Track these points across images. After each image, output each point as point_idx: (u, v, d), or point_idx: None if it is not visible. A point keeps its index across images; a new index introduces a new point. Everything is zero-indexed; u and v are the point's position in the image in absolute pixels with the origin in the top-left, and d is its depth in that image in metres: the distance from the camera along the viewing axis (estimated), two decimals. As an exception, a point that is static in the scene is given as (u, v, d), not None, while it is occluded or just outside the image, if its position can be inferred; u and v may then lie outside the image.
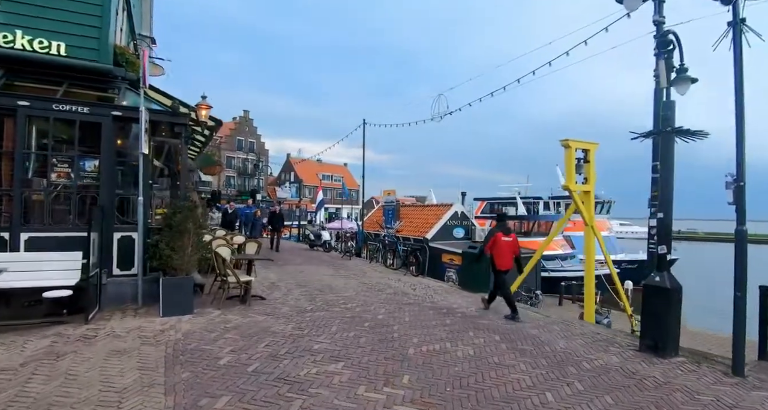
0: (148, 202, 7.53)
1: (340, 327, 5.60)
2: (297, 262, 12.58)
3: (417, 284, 9.62)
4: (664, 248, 5.16)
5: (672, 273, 5.13)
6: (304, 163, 67.44)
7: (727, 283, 5.15)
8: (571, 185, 8.34)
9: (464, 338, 5.39)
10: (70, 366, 4.04)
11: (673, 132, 5.13)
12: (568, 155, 8.46)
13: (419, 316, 6.43)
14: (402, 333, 5.40)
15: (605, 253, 9.72)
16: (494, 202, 32.64)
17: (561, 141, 8.46)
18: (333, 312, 6.42)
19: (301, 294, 7.71)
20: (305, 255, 14.74)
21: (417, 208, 18.99)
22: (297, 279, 9.39)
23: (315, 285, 8.70)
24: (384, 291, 8.43)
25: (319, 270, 10.99)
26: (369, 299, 7.56)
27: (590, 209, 8.96)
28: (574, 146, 8.51)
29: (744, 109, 4.58)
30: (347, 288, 8.52)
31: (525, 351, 4.99)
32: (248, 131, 59.79)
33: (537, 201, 30.11)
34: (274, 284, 8.66)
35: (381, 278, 10.29)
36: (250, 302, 6.71)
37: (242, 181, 57.38)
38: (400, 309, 6.89)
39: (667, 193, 5.20)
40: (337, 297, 7.54)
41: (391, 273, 11.18)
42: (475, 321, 6.32)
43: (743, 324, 4.55)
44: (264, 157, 59.77)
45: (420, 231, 16.22)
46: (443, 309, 7.10)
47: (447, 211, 16.68)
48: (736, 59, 4.64)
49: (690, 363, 4.83)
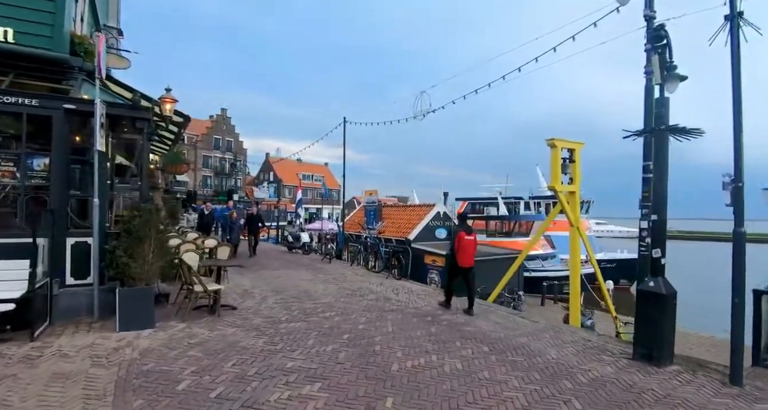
0: (107, 204, 6.92)
1: (318, 339, 5.16)
2: (274, 266, 12.03)
3: (399, 288, 9.24)
4: (659, 252, 4.93)
5: (666, 278, 4.90)
6: (284, 163, 66.31)
7: (705, 280, 5.03)
8: (556, 185, 8.12)
9: (451, 349, 5.03)
10: (5, 395, 3.49)
11: (667, 130, 4.91)
12: (554, 155, 8.24)
13: (403, 325, 6.04)
14: (385, 346, 5.00)
15: (591, 253, 9.57)
16: (476, 202, 32.66)
17: (547, 140, 8.24)
18: (310, 323, 5.97)
19: (277, 302, 7.22)
20: (283, 258, 14.18)
21: (399, 208, 18.65)
22: (273, 285, 8.87)
23: (292, 292, 8.22)
24: (365, 297, 8.02)
25: (297, 275, 10.49)
26: (349, 306, 7.13)
27: (576, 210, 8.78)
28: (560, 146, 8.30)
29: (742, 107, 4.37)
30: (326, 295, 8.07)
31: (516, 363, 4.67)
32: (225, 129, 58.35)
33: (518, 201, 30.25)
34: (247, 291, 8.13)
35: (362, 282, 9.88)
36: (219, 312, 6.19)
37: (219, 181, 55.93)
38: (382, 316, 6.50)
39: (661, 193, 4.98)
40: (315, 305, 7.08)
41: (372, 276, 10.77)
42: (462, 329, 5.98)
43: (741, 333, 4.34)
44: (242, 156, 58.44)
45: (402, 232, 15.86)
46: (428, 315, 6.74)
47: (429, 211, 16.38)
48: (733, 55, 4.43)
49: (685, 371, 4.61)
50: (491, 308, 7.75)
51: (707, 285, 23.94)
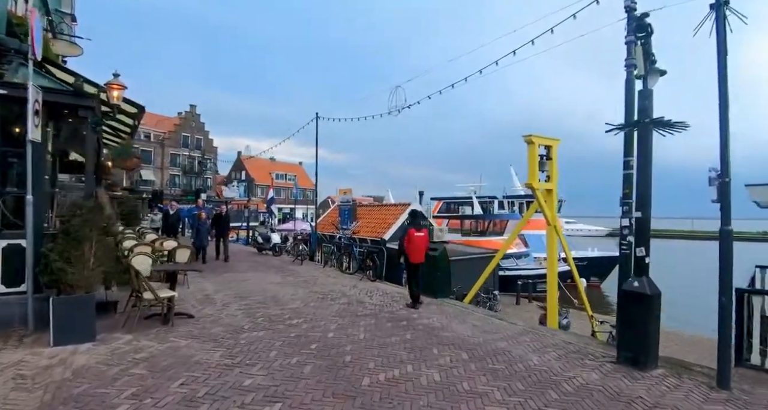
0: (46, 202, 6.20)
1: (282, 351, 4.67)
2: (241, 269, 11.38)
3: (374, 290, 8.83)
4: (643, 251, 4.72)
5: (651, 278, 4.70)
6: (257, 161, 64.66)
7: (673, 276, 4.91)
8: (534, 183, 7.92)
9: (428, 357, 4.66)
10: None
11: (651, 123, 4.70)
12: (531, 152, 8.04)
13: (376, 332, 5.63)
14: (356, 356, 4.57)
15: (567, 252, 9.46)
16: (450, 201, 32.66)
17: (524, 137, 8.02)
18: (275, 331, 5.46)
19: (240, 309, 6.66)
20: (252, 260, 13.50)
21: (374, 208, 18.25)
22: (237, 290, 8.28)
23: (257, 297, 7.66)
24: (337, 301, 7.56)
25: (265, 278, 9.90)
26: (319, 312, 6.66)
27: (552, 208, 8.61)
28: (538, 142, 8.10)
29: (728, 99, 4.18)
30: (295, 299, 7.56)
31: (497, 371, 4.34)
32: (195, 126, 56.34)
33: (492, 200, 30.41)
34: (208, 297, 7.52)
35: (334, 284, 9.41)
36: (173, 322, 5.59)
37: (188, 180, 53.90)
38: (355, 323, 6.06)
39: (645, 190, 4.77)
40: (282, 311, 6.57)
41: (345, 279, 10.31)
42: (439, 335, 5.63)
43: (729, 334, 4.17)
44: (212, 155, 56.56)
45: (377, 232, 15.48)
46: (403, 320, 6.35)
47: (404, 211, 16.05)
48: (719, 45, 4.24)
49: (671, 375, 4.41)
50: (468, 310, 7.44)
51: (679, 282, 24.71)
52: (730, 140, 4.12)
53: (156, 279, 6.71)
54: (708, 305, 12.83)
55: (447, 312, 7.04)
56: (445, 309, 7.33)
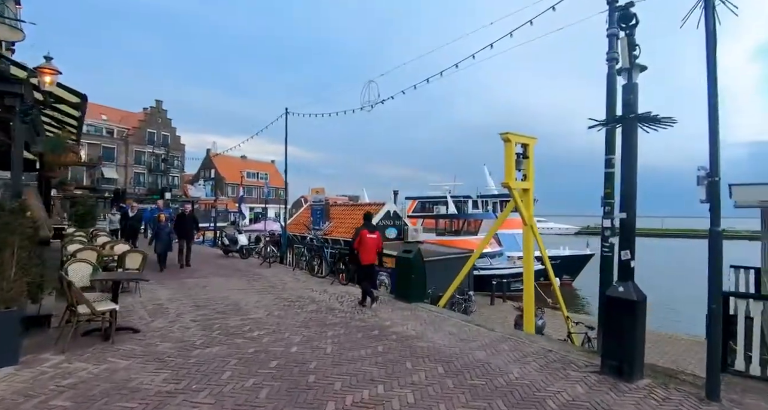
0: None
1: (237, 371, 4.14)
2: (203, 273, 10.63)
3: (345, 295, 8.35)
4: (628, 254, 4.45)
5: (636, 282, 4.44)
6: (227, 159, 62.70)
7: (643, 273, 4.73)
8: (510, 182, 7.65)
9: (401, 373, 4.23)
10: None
11: (636, 119, 4.44)
12: (508, 150, 7.76)
13: (345, 343, 5.16)
14: (321, 375, 4.09)
15: (543, 252, 9.27)
16: (425, 201, 32.49)
17: (501, 134, 7.74)
18: (232, 346, 4.91)
19: (195, 320, 6.04)
20: (216, 264, 12.73)
21: (348, 208, 17.75)
22: (196, 298, 7.61)
23: (217, 305, 7.04)
24: (305, 308, 7.04)
25: (229, 283, 9.24)
26: (284, 321, 6.13)
27: (529, 208, 8.37)
28: (515, 141, 7.84)
29: (717, 95, 3.95)
30: (259, 307, 6.99)
31: (476, 388, 3.96)
32: (161, 122, 54.04)
33: (466, 200, 30.43)
34: (161, 306, 6.83)
35: (304, 289, 8.87)
36: (113, 338, 4.94)
37: (154, 178, 51.61)
38: (322, 333, 5.57)
39: (630, 190, 4.50)
40: (243, 322, 6.00)
41: (316, 283, 9.78)
42: (413, 345, 5.22)
43: (719, 342, 3.94)
44: (179, 152, 54.41)
45: (351, 233, 14.98)
46: (374, 329, 5.91)
47: (379, 210, 15.68)
48: (708, 37, 4.00)
49: (657, 386, 4.15)
50: (443, 315, 7.08)
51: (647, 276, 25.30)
52: (718, 139, 3.89)
53: (101, 289, 6.02)
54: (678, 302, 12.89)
55: (422, 318, 6.65)
56: (419, 314, 6.94)
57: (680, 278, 26.45)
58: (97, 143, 48.54)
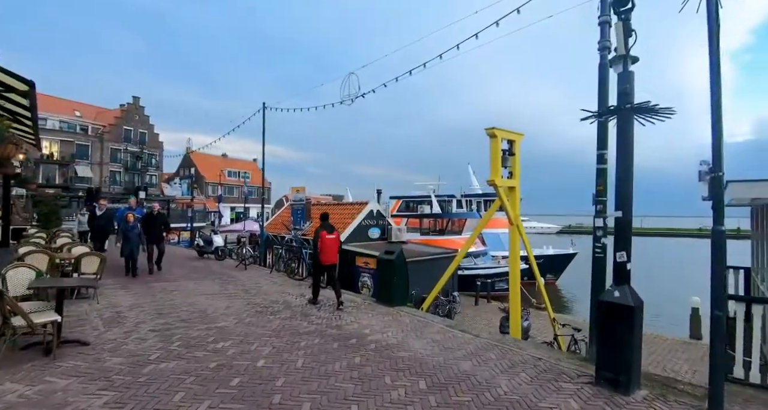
0: None
1: (191, 392, 3.65)
2: (173, 276, 10.01)
3: (324, 299, 7.89)
4: (624, 255, 4.12)
5: (632, 286, 4.12)
6: (208, 158, 61.28)
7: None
8: (497, 180, 7.31)
9: (379, 390, 3.81)
10: None
11: (632, 110, 4.11)
12: (494, 146, 7.42)
13: (319, 356, 4.71)
14: (288, 395, 3.63)
15: (530, 252, 8.98)
16: (409, 200, 32.16)
17: (486, 130, 7.39)
18: (191, 361, 4.40)
19: (154, 330, 5.49)
20: (190, 266, 12.08)
21: (329, 207, 17.24)
22: (161, 304, 7.04)
23: (182, 313, 6.49)
24: (278, 315, 6.55)
25: (199, 287, 8.66)
26: (253, 330, 5.63)
27: (516, 207, 8.05)
28: (501, 136, 7.50)
29: (720, 85, 3.64)
30: (228, 314, 6.47)
31: (462, 405, 3.57)
32: (138, 119, 52.41)
33: (450, 199, 30.22)
34: (119, 314, 6.24)
35: (279, 294, 8.37)
36: (55, 353, 4.37)
37: (131, 177, 49.94)
38: (294, 344, 5.10)
39: (626, 186, 4.17)
40: (208, 332, 5.48)
41: (293, 286, 9.28)
42: (393, 356, 4.80)
43: (722, 352, 3.64)
44: (157, 150, 52.86)
45: (331, 233, 14.50)
46: (352, 337, 5.47)
47: (362, 210, 15.20)
48: (710, 24, 3.70)
49: (656, 397, 3.84)
50: (426, 320, 6.68)
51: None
52: (722, 133, 3.58)
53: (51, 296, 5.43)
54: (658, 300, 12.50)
55: (403, 324, 6.25)
56: (401, 319, 6.54)
57: (659, 277, 26.80)
58: (70, 140, 46.71)
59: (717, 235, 3.58)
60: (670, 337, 13.06)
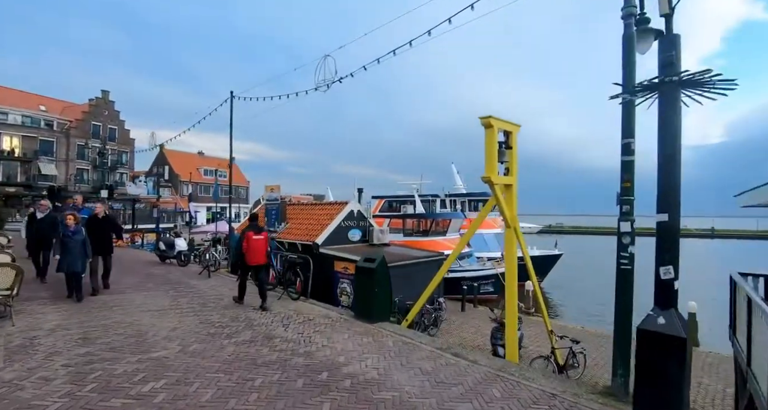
0: None
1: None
2: (121, 287, 8.69)
3: (293, 315, 6.80)
4: (670, 271, 3.20)
5: (679, 311, 3.21)
6: (183, 156, 58.94)
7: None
8: (493, 176, 6.36)
9: (352, 458, 2.78)
10: None
11: (680, 83, 3.19)
12: (489, 138, 6.47)
13: (277, 400, 3.64)
14: (221, 476, 2.57)
15: (526, 254, 8.09)
16: (392, 200, 31.21)
17: (481, 119, 6.44)
18: (100, 415, 3.27)
19: (69, 364, 4.30)
20: (145, 274, 10.77)
21: (306, 207, 16.07)
22: (91, 325, 5.80)
23: (114, 337, 5.28)
24: (235, 338, 5.44)
25: (148, 301, 7.42)
26: (198, 362, 4.50)
27: (513, 207, 7.14)
28: (497, 126, 6.56)
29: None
30: (172, 338, 5.31)
31: (467, 484, 2.57)
32: (108, 115, 49.91)
33: (434, 199, 29.40)
34: (33, 340, 5.00)
35: (243, 307, 7.23)
36: None
37: (99, 175, 47.39)
38: (247, 382, 4.01)
39: (672, 183, 3.25)
40: (138, 366, 4.32)
41: (260, 297, 8.15)
42: (373, 398, 3.77)
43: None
44: (128, 147, 50.43)
45: (309, 235, 13.37)
46: (323, 369, 4.41)
47: (341, 210, 14.10)
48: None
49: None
50: (413, 341, 5.67)
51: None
52: None
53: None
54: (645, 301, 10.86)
55: (386, 348, 5.23)
56: (383, 341, 5.52)
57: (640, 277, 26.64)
58: (33, 135, 43.99)
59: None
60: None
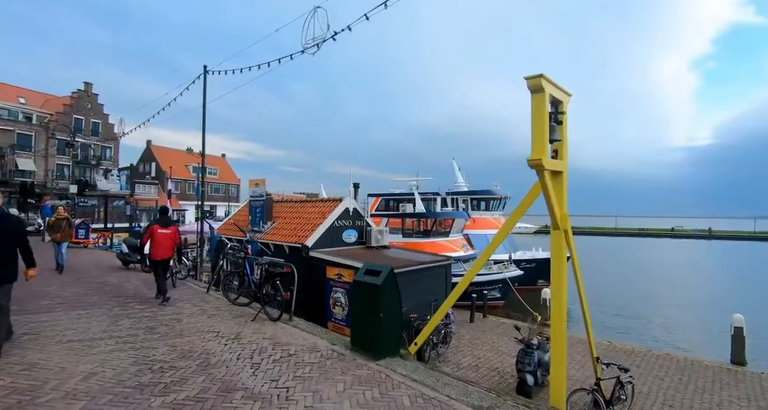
0: None
1: None
2: (54, 302, 6.80)
3: (269, 345, 5.00)
4: None
5: None
6: (171, 153, 56.76)
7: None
8: (543, 159, 4.59)
9: None
10: None
11: None
12: (538, 106, 4.70)
13: None
14: None
15: (574, 257, 6.16)
16: (390, 198, 29.41)
17: (529, 80, 4.68)
18: None
19: None
20: (97, 282, 8.87)
21: (296, 205, 14.20)
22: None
23: (-14, 395, 3.46)
24: (173, 393, 3.61)
25: (75, 326, 5.54)
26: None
27: (563, 202, 5.36)
28: (549, 91, 4.80)
29: None
30: (77, 395, 3.46)
31: None
32: (91, 108, 47.53)
33: (435, 197, 27.64)
34: None
35: (203, 334, 5.41)
36: None
37: (82, 171, 45.08)
38: None
39: None
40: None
41: (230, 318, 6.32)
42: None
43: None
44: (112, 142, 48.10)
45: (298, 236, 11.55)
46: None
47: (335, 208, 12.27)
48: None
49: None
50: (438, 392, 3.89)
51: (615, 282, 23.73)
52: None
53: None
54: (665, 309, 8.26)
55: (397, 402, 3.46)
56: (396, 397, 3.73)
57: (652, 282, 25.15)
58: (10, 129, 41.59)
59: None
60: (708, 362, 10.76)
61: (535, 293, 20.38)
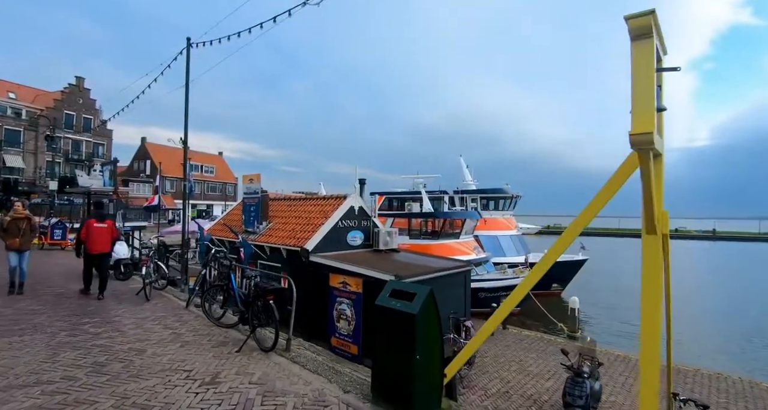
0: None
1: None
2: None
3: (256, 399, 3.55)
4: None
5: None
6: (166, 150, 55.17)
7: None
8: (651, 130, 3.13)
9: None
10: None
11: None
12: (642, 58, 3.24)
13: None
14: None
15: (667, 266, 4.72)
16: (395, 197, 27.89)
17: (630, 20, 3.24)
18: None
19: None
20: (54, 293, 7.37)
21: (295, 203, 12.72)
22: None
23: None
24: None
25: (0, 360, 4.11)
26: None
27: (660, 195, 3.94)
28: (656, 41, 3.37)
29: None
30: None
31: None
32: (82, 103, 46.02)
33: (442, 196, 26.16)
34: None
35: (167, 373, 3.95)
36: None
37: (72, 169, 43.51)
38: None
39: None
40: None
41: (208, 347, 4.85)
42: None
43: None
44: (105, 139, 46.57)
45: (297, 238, 10.10)
46: None
47: (339, 206, 10.80)
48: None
49: None
50: None
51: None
52: None
53: None
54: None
55: None
56: None
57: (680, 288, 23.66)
58: (-8, 124, 40.06)
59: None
60: (736, 376, 9.09)
61: (549, 299, 18.95)
